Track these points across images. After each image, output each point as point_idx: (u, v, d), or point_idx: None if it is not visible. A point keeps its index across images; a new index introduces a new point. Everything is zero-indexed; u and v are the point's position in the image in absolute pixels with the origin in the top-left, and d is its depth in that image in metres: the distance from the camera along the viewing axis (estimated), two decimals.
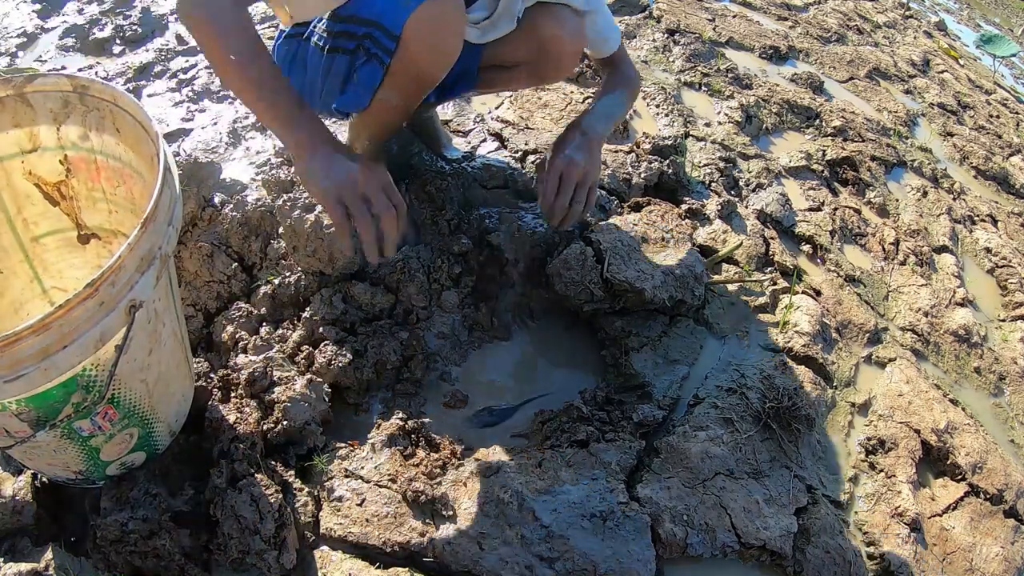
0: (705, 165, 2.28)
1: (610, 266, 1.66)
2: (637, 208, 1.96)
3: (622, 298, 1.66)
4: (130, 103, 1.09)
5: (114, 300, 0.89)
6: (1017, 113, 3.98)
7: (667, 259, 1.73)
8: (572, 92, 2.47)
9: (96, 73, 2.29)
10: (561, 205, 1.48)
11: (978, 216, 2.68)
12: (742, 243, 1.96)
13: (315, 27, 1.54)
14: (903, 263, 2.24)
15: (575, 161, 1.49)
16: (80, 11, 2.64)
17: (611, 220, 1.86)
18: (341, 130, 1.98)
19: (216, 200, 1.74)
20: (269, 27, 2.59)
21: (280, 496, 1.22)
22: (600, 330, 1.69)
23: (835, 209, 2.31)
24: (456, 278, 1.68)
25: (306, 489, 1.29)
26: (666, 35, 3.08)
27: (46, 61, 2.37)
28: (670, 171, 2.14)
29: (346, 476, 1.30)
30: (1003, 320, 2.23)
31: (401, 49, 1.34)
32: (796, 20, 3.80)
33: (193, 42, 2.49)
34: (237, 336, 1.51)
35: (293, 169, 1.31)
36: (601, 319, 1.69)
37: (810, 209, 2.28)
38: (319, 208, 1.60)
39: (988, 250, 2.48)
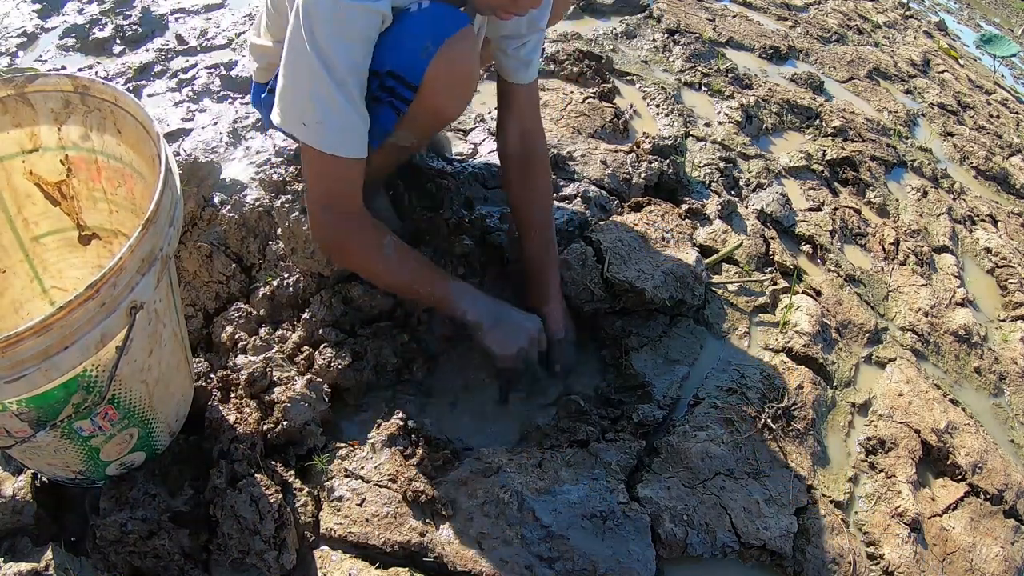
0: (705, 165, 2.28)
1: (610, 266, 1.66)
2: (637, 208, 1.96)
3: (622, 298, 1.66)
4: (131, 103, 1.09)
5: (115, 301, 0.89)
6: (1017, 113, 3.98)
7: (667, 259, 1.73)
8: (572, 92, 2.47)
9: (96, 73, 2.29)
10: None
11: (978, 216, 2.68)
12: (742, 243, 1.96)
13: None
14: (903, 263, 2.24)
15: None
16: (80, 11, 2.64)
17: (611, 220, 1.86)
18: None
19: (216, 200, 1.74)
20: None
21: (280, 496, 1.22)
22: (600, 330, 1.69)
23: (835, 209, 2.31)
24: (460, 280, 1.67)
25: (306, 489, 1.29)
26: (666, 35, 3.08)
27: (46, 61, 2.37)
28: (670, 171, 2.14)
29: (346, 476, 1.30)
30: (1003, 320, 2.23)
31: (420, 97, 1.35)
32: (796, 20, 3.80)
33: (193, 42, 2.49)
34: (236, 336, 1.51)
35: (475, 339, 1.47)
36: (601, 319, 1.69)
37: (810, 209, 2.28)
38: None
39: (988, 250, 2.48)
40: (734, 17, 3.54)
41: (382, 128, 1.43)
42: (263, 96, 1.61)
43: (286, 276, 1.59)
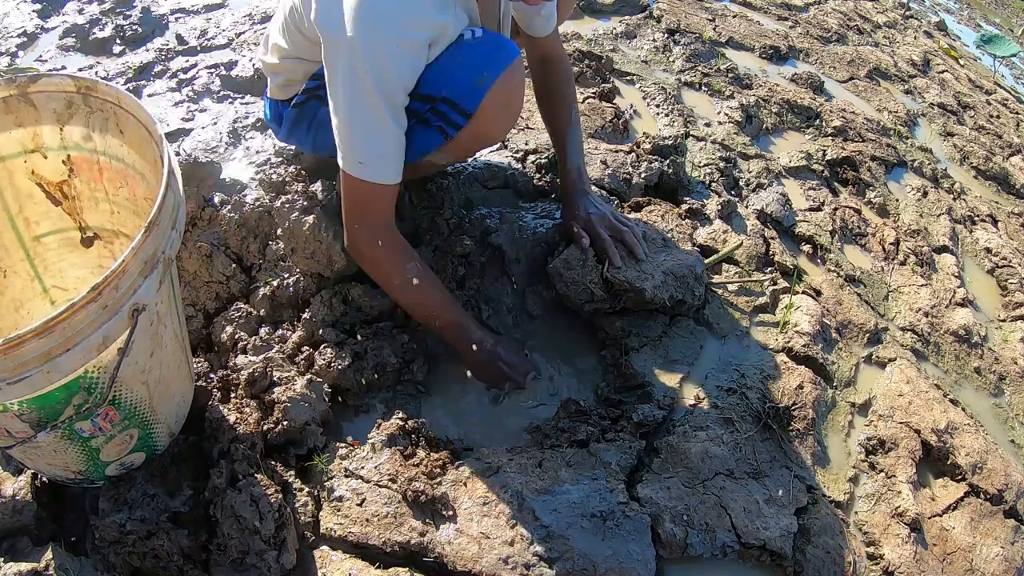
0: (705, 165, 2.28)
1: (610, 266, 1.66)
2: (637, 208, 1.96)
3: (622, 298, 1.66)
4: (134, 105, 1.09)
5: (118, 304, 0.90)
6: (1017, 113, 3.98)
7: (667, 259, 1.74)
8: None
9: (96, 73, 2.30)
10: (612, 250, 1.65)
11: (978, 216, 2.68)
12: (742, 243, 1.96)
13: None
14: (903, 263, 2.24)
15: (591, 220, 1.69)
16: (80, 11, 2.64)
17: None
18: None
19: (216, 200, 1.74)
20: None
21: (280, 496, 1.22)
22: (600, 330, 1.69)
23: (835, 209, 2.32)
24: (460, 280, 1.68)
25: (306, 489, 1.29)
26: (666, 35, 3.08)
27: (46, 61, 2.37)
28: (670, 171, 2.14)
29: (346, 476, 1.30)
30: (1003, 320, 2.23)
31: (473, 124, 1.41)
32: (796, 20, 3.80)
33: (193, 42, 2.49)
34: (236, 337, 1.51)
35: (469, 363, 1.56)
36: (601, 319, 1.69)
37: (810, 209, 2.28)
38: (317, 210, 1.61)
39: (988, 250, 2.48)
40: (734, 17, 3.54)
41: (422, 150, 1.47)
42: (283, 110, 1.64)
43: (286, 276, 1.60)
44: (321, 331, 1.51)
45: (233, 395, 1.39)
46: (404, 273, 1.42)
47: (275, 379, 1.41)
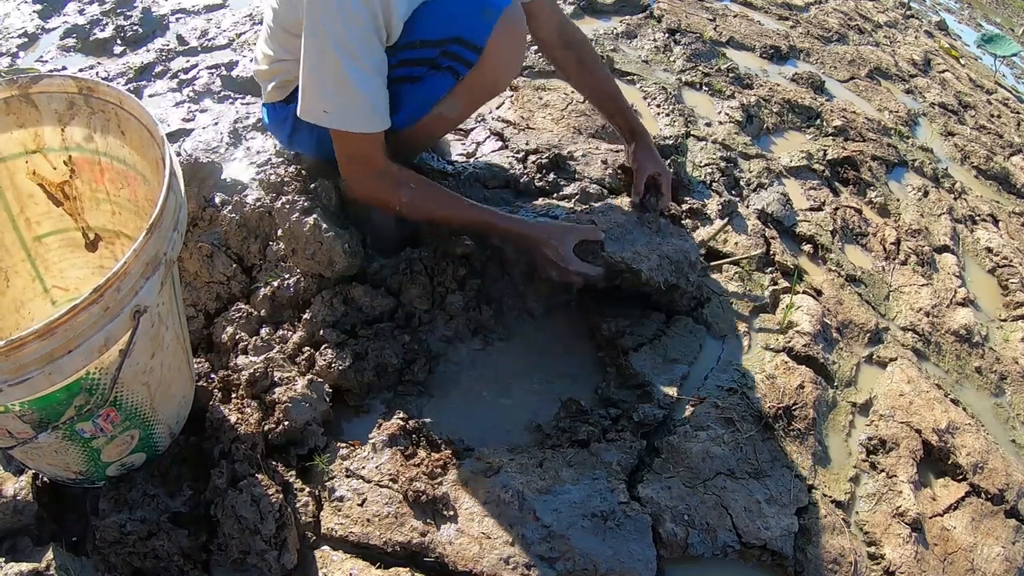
0: (706, 165, 2.28)
1: (607, 245, 1.65)
2: None
3: (618, 277, 1.65)
4: (135, 106, 1.09)
5: (119, 305, 0.90)
6: (1018, 113, 3.98)
7: (663, 243, 1.73)
8: (573, 92, 2.46)
9: (97, 73, 2.30)
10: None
11: (979, 216, 2.68)
12: (745, 250, 1.96)
13: None
14: (904, 263, 2.24)
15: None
16: (81, 11, 2.64)
17: (607, 203, 1.85)
18: None
19: (216, 200, 1.74)
20: None
21: (281, 496, 1.22)
22: (597, 331, 1.69)
23: (836, 209, 2.31)
24: (461, 280, 1.68)
25: (307, 489, 1.29)
26: (667, 35, 3.08)
27: (47, 61, 2.37)
28: (671, 171, 2.14)
29: (347, 476, 1.30)
30: (1004, 320, 2.23)
31: (483, 61, 1.45)
32: (797, 20, 3.80)
33: (194, 42, 2.49)
34: (237, 337, 1.51)
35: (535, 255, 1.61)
36: (595, 318, 1.68)
37: (811, 209, 2.28)
38: (318, 211, 1.61)
39: (989, 250, 2.48)
40: (735, 17, 3.54)
41: (431, 96, 1.50)
42: (284, 111, 1.66)
43: (287, 277, 1.60)
44: (322, 331, 1.51)
45: (234, 395, 1.39)
46: (401, 199, 1.48)
47: (276, 379, 1.42)
